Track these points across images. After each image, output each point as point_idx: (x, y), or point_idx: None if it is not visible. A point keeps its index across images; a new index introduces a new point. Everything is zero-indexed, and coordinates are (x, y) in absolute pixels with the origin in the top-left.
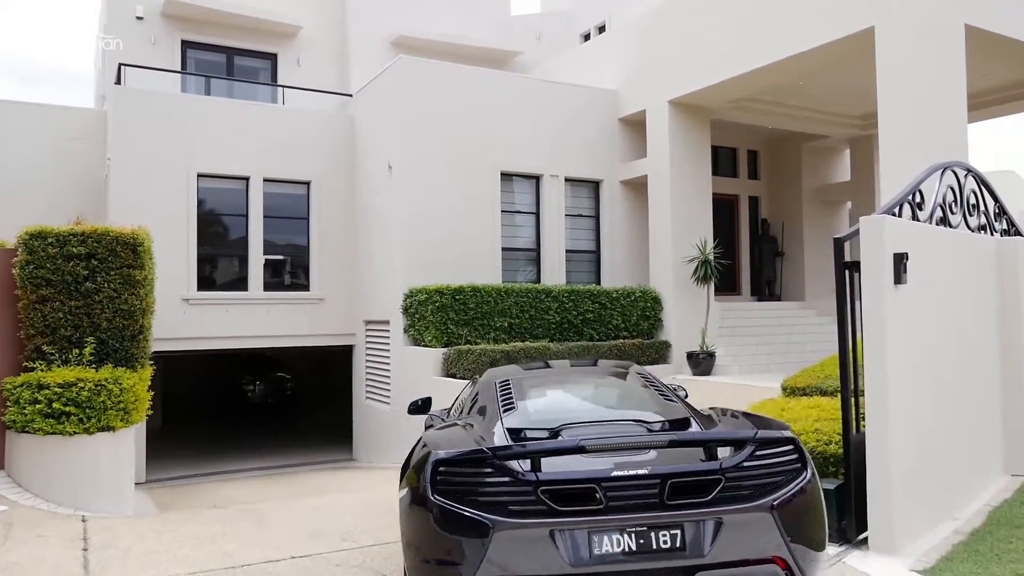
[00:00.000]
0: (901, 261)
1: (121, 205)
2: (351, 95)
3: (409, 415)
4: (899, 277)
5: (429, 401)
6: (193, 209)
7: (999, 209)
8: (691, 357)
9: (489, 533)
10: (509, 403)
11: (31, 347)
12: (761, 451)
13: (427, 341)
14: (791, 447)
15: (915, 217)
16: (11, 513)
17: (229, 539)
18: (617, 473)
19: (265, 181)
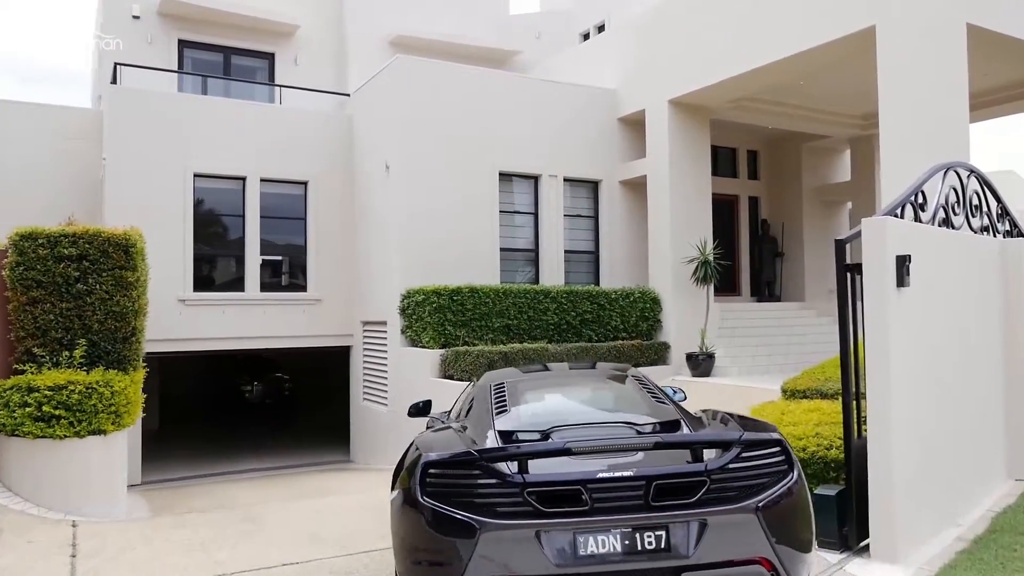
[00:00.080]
0: (904, 264)
1: (117, 205)
2: (349, 95)
3: (409, 418)
4: (902, 280)
5: (429, 404)
6: (189, 209)
7: (1002, 210)
8: (690, 358)
9: (476, 534)
10: (502, 406)
11: (21, 349)
12: (747, 453)
13: (424, 342)
14: (777, 449)
15: (917, 218)
16: (0, 518)
17: (221, 545)
18: (602, 475)
19: (262, 181)
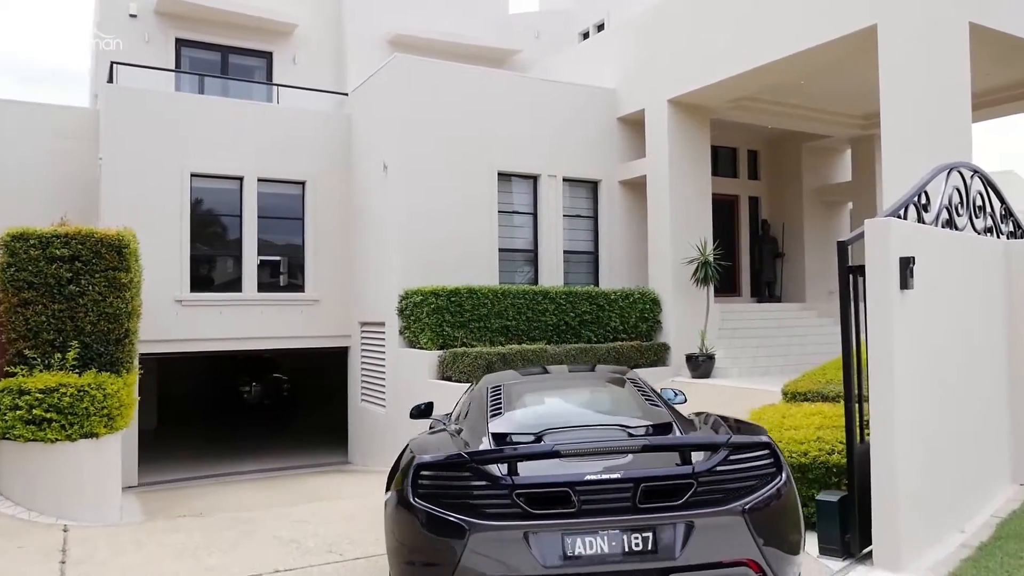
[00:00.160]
0: (907, 265)
1: (113, 205)
2: (347, 94)
3: (411, 419)
4: (905, 282)
5: (431, 406)
6: (186, 209)
7: (1006, 211)
8: (690, 359)
9: (465, 535)
10: (497, 409)
11: (12, 351)
12: (735, 455)
13: (423, 343)
14: (766, 451)
15: (920, 219)
16: None
17: (212, 551)
18: (590, 477)
19: (260, 181)
